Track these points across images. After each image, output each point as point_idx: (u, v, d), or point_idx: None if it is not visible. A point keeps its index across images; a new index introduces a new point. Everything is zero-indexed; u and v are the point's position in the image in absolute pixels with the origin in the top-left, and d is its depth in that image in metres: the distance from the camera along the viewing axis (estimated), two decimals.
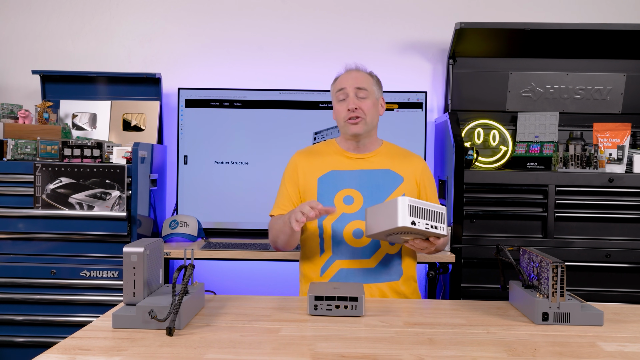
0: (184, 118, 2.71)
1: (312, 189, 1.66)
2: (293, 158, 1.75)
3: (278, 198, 1.74)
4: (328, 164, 1.69)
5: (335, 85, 1.71)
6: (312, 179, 1.67)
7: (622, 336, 1.21)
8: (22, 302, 2.30)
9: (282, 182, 1.74)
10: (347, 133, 1.67)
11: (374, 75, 1.74)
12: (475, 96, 2.71)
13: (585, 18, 2.80)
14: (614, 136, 2.39)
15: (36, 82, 2.81)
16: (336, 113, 1.69)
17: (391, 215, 1.35)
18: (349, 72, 1.71)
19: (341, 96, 1.67)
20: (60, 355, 1.04)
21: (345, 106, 1.64)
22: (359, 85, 1.65)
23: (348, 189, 1.65)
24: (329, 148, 1.74)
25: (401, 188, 1.66)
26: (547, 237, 2.32)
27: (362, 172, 1.67)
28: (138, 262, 1.23)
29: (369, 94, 1.67)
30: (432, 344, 1.14)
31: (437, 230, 1.38)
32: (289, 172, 1.73)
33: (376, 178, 1.66)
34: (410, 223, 1.33)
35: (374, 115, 1.69)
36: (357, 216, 1.63)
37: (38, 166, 2.28)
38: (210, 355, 1.05)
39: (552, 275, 1.25)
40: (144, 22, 2.89)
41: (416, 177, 1.70)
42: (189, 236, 2.50)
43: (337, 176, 1.67)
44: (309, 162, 1.71)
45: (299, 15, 2.88)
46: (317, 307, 1.32)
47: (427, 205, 1.38)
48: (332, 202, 1.63)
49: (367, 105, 1.65)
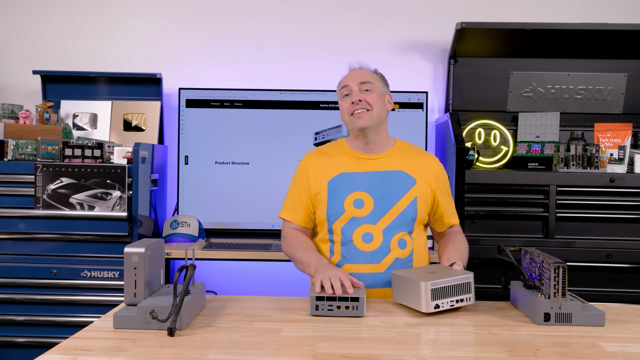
0: (184, 118, 2.71)
1: (322, 192, 1.63)
2: (304, 160, 1.71)
3: (288, 200, 1.71)
4: (338, 166, 1.65)
5: (339, 85, 1.69)
6: (323, 182, 1.64)
7: (624, 337, 1.20)
8: (23, 303, 2.30)
9: (293, 184, 1.71)
10: (354, 128, 1.62)
11: (379, 72, 1.71)
12: (476, 96, 2.71)
13: (586, 18, 2.80)
14: (615, 136, 2.38)
15: (37, 82, 2.81)
16: (341, 110, 1.66)
17: (415, 297, 1.33)
18: (352, 71, 1.69)
19: (345, 92, 1.64)
20: (62, 356, 1.04)
21: (349, 100, 1.61)
22: (363, 80, 1.62)
23: (359, 191, 1.61)
24: (340, 149, 1.70)
25: (413, 191, 1.62)
26: (548, 237, 2.32)
27: (373, 174, 1.63)
28: (139, 263, 1.23)
29: (374, 87, 1.63)
30: (433, 345, 1.14)
31: (463, 303, 1.36)
32: (299, 174, 1.70)
33: (388, 180, 1.62)
34: (434, 307, 1.31)
35: (381, 108, 1.63)
36: (367, 220, 1.59)
37: (39, 166, 2.27)
38: (212, 356, 1.05)
39: (553, 275, 1.25)
40: (144, 22, 2.89)
41: (430, 179, 1.65)
42: (189, 236, 2.50)
43: (348, 178, 1.63)
44: (319, 164, 1.67)
45: (299, 15, 2.88)
46: (319, 308, 1.32)
47: (451, 280, 1.34)
48: (342, 205, 1.61)
49: (372, 98, 1.61)
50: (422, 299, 1.31)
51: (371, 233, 1.59)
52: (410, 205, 1.61)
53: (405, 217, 1.60)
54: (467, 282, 1.35)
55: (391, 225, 1.59)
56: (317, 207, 1.65)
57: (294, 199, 1.69)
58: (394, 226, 1.59)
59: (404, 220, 1.60)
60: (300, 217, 1.68)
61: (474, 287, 1.37)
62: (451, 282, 1.33)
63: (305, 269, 1.57)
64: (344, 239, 1.60)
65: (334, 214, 1.61)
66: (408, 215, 1.60)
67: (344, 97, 1.64)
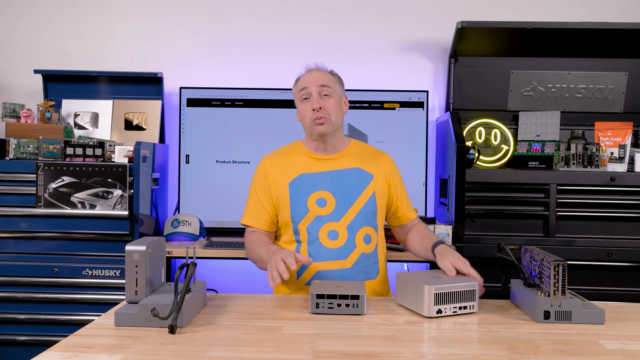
0: (185, 117, 2.71)
1: (283, 194, 1.65)
2: (261, 163, 1.73)
3: (249, 205, 1.72)
4: (298, 168, 1.68)
5: (297, 86, 1.71)
6: (283, 183, 1.66)
7: (624, 334, 1.21)
8: (25, 301, 2.31)
9: (252, 189, 1.72)
10: (314, 134, 1.66)
11: (335, 73, 1.74)
12: (477, 95, 2.71)
13: (587, 17, 2.81)
14: (616, 135, 2.39)
15: (38, 81, 2.81)
16: (301, 114, 1.69)
17: (418, 300, 1.33)
18: (310, 72, 1.71)
19: (304, 95, 1.66)
20: (63, 353, 1.04)
21: (310, 106, 1.64)
22: (322, 83, 1.65)
23: (320, 191, 1.64)
24: (297, 150, 1.73)
25: (371, 186, 1.67)
26: (548, 236, 2.32)
27: (332, 173, 1.67)
28: (140, 261, 1.23)
29: (332, 92, 1.66)
30: (433, 342, 1.14)
31: (467, 310, 1.35)
32: (258, 178, 1.71)
33: (346, 177, 1.66)
34: (436, 312, 1.31)
35: (339, 114, 1.68)
36: (331, 218, 1.62)
37: (40, 165, 2.28)
38: (213, 353, 1.06)
39: (553, 273, 1.25)
40: (145, 21, 2.90)
41: (385, 173, 1.72)
42: (190, 235, 2.50)
43: (308, 179, 1.66)
44: (278, 166, 1.69)
45: (300, 14, 2.88)
46: (319, 306, 1.32)
47: (455, 287, 1.33)
48: (305, 205, 1.63)
49: (330, 105, 1.64)
50: (424, 303, 1.31)
51: (336, 230, 1.62)
52: (370, 200, 1.66)
53: (366, 212, 1.65)
54: (472, 289, 1.35)
55: (354, 221, 1.63)
56: (279, 209, 1.67)
57: (255, 203, 1.70)
58: (357, 222, 1.63)
59: (365, 215, 1.65)
60: (263, 221, 1.69)
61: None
62: (455, 289, 1.33)
63: (263, 264, 1.55)
64: (310, 238, 1.62)
65: (298, 214, 1.63)
66: (368, 210, 1.65)
67: (303, 100, 1.67)
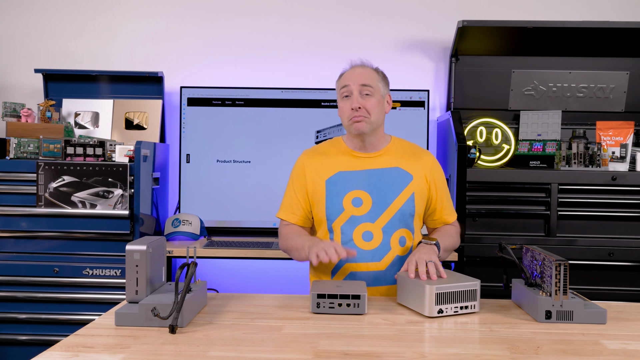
0: (186, 116, 2.71)
1: (320, 191, 1.63)
2: (300, 159, 1.71)
3: (286, 200, 1.71)
4: (335, 165, 1.65)
5: (339, 82, 1.66)
6: (320, 181, 1.64)
7: (626, 334, 1.20)
8: (25, 301, 2.31)
9: (290, 183, 1.71)
10: (352, 132, 1.63)
11: (380, 71, 1.69)
12: (478, 94, 2.71)
13: (588, 16, 2.80)
14: (617, 134, 2.38)
15: (39, 80, 2.81)
16: (340, 111, 1.65)
17: (419, 300, 1.33)
18: (353, 68, 1.66)
19: (345, 93, 1.62)
20: (64, 353, 1.04)
21: (350, 104, 1.60)
22: (364, 82, 1.60)
23: (356, 190, 1.61)
24: (336, 147, 1.70)
25: (410, 186, 1.62)
26: (550, 235, 2.31)
27: (370, 172, 1.63)
28: (141, 260, 1.23)
29: (374, 91, 1.61)
30: (434, 342, 1.14)
31: (467, 310, 1.35)
32: (296, 173, 1.69)
33: (385, 177, 1.62)
34: (437, 312, 1.31)
35: (379, 114, 1.63)
36: (366, 218, 1.59)
37: (41, 165, 2.28)
38: (213, 353, 1.05)
39: (555, 273, 1.25)
40: (146, 20, 2.90)
41: (426, 174, 1.66)
42: (191, 234, 2.50)
43: (345, 177, 1.63)
44: (316, 163, 1.67)
45: (300, 13, 2.88)
46: (320, 305, 1.32)
47: (457, 287, 1.33)
48: (340, 204, 1.61)
49: (371, 104, 1.60)
50: (425, 303, 1.31)
51: (371, 231, 1.59)
52: (408, 201, 1.61)
53: (404, 214, 1.61)
54: (473, 289, 1.35)
55: (390, 223, 1.60)
56: (314, 206, 1.65)
57: (291, 198, 1.69)
58: (393, 224, 1.60)
59: (402, 217, 1.61)
60: (298, 216, 1.68)
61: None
62: (456, 288, 1.33)
63: (302, 253, 1.55)
64: (344, 238, 1.60)
65: (333, 212, 1.61)
66: (406, 212, 1.61)
67: (344, 97, 1.63)
